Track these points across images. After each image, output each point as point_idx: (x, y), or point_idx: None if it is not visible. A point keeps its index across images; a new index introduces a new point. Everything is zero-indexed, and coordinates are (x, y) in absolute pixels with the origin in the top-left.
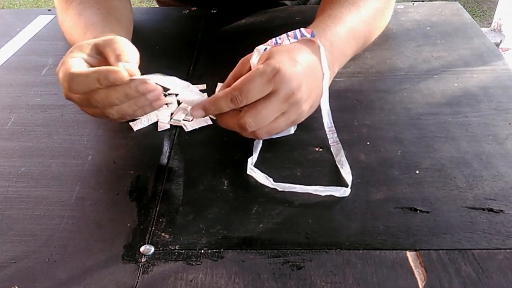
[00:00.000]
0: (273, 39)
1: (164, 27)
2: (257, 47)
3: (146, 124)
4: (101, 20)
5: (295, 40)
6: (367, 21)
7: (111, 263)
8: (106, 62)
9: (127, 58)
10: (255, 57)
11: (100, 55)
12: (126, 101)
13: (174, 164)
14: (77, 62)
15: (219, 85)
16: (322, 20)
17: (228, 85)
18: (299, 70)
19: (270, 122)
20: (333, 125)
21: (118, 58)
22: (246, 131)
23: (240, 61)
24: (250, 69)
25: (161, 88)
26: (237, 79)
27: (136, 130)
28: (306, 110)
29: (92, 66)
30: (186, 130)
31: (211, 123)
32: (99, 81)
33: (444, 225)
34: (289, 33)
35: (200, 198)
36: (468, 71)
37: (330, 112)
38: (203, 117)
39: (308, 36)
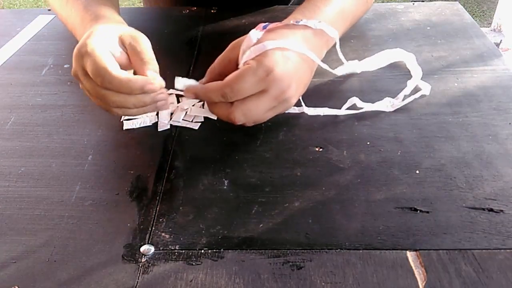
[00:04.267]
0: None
1: (164, 27)
2: (249, 34)
3: (137, 126)
4: None
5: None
6: (355, 1)
7: (111, 263)
8: (128, 59)
9: (154, 67)
10: (245, 45)
11: (122, 48)
12: (140, 108)
13: (174, 164)
14: (108, 56)
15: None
16: (311, 1)
17: (214, 72)
18: (291, 68)
19: (256, 117)
20: None
21: (145, 65)
22: (235, 123)
23: (230, 45)
24: (237, 55)
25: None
26: (224, 65)
27: (126, 129)
28: (293, 103)
29: (116, 58)
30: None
31: (215, 118)
32: (133, 90)
33: (444, 225)
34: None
35: (200, 198)
36: (468, 71)
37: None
38: (194, 98)
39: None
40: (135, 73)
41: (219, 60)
